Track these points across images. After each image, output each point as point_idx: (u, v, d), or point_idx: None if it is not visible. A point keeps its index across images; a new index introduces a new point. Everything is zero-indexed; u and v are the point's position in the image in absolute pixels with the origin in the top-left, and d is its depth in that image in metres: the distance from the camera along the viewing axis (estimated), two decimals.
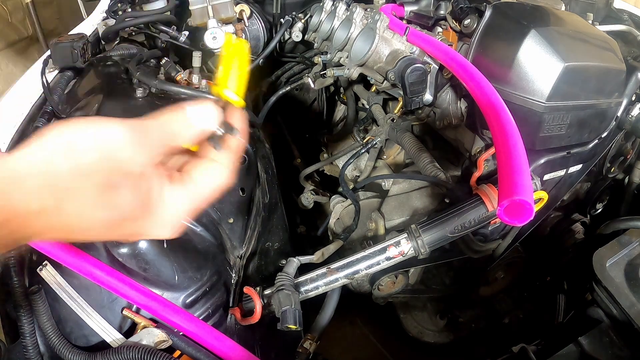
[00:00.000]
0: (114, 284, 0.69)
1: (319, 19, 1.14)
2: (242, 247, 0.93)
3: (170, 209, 0.47)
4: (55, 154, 0.41)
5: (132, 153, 0.43)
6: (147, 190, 0.45)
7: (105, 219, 0.43)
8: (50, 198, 0.40)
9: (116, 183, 0.42)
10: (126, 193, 0.43)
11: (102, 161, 0.42)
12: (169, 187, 0.47)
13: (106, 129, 0.43)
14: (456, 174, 1.10)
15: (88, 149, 0.41)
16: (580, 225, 1.27)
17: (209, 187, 0.49)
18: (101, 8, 1.34)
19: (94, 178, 0.41)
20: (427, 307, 1.42)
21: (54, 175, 0.41)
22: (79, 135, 0.42)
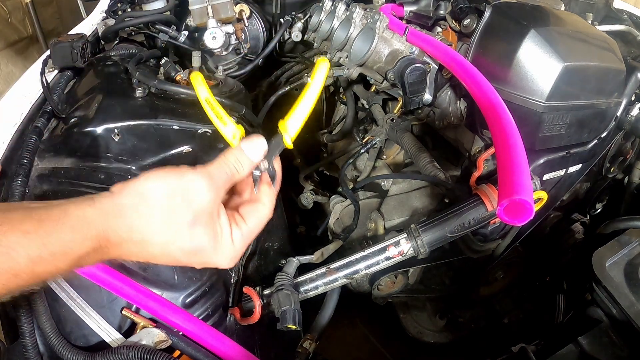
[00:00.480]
0: (114, 283, 0.69)
1: (318, 19, 1.14)
2: None
3: (235, 245, 0.59)
4: (148, 198, 0.53)
5: (207, 197, 0.55)
6: (217, 227, 0.57)
7: (184, 248, 0.55)
8: (145, 232, 0.53)
9: (195, 222, 0.54)
10: (201, 230, 0.55)
11: (184, 203, 0.54)
12: (235, 229, 0.59)
13: (188, 178, 0.55)
14: (456, 174, 1.10)
15: (175, 196, 0.54)
16: (579, 225, 1.28)
17: (259, 226, 0.62)
18: (101, 8, 1.34)
19: (180, 219, 0.54)
20: (426, 307, 1.42)
21: (150, 218, 0.53)
22: (167, 184, 0.54)
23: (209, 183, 0.55)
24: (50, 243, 0.48)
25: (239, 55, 1.32)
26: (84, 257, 0.50)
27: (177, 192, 0.54)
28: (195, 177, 0.55)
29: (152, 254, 0.55)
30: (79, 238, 0.50)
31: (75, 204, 0.52)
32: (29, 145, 0.82)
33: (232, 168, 0.59)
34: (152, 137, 0.89)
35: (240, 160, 0.60)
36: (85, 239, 0.50)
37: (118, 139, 0.87)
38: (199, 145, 0.92)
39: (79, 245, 0.50)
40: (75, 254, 0.50)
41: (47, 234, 0.48)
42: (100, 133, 0.86)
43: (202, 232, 0.55)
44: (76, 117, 0.88)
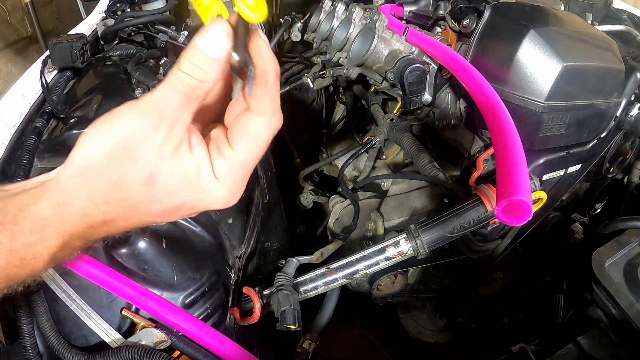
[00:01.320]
0: (113, 284, 0.69)
1: (318, 19, 1.14)
2: (242, 247, 0.93)
3: (223, 181, 0.44)
4: (91, 172, 0.42)
5: (158, 138, 0.41)
6: (190, 167, 0.43)
7: (154, 211, 0.44)
8: (101, 212, 0.43)
9: (152, 179, 0.42)
10: (165, 184, 0.42)
11: (133, 163, 0.41)
12: (220, 164, 0.44)
13: (127, 125, 0.42)
14: (455, 174, 1.10)
15: (118, 154, 0.41)
16: (579, 225, 1.27)
17: (255, 149, 0.45)
18: (100, 8, 1.33)
19: (132, 181, 0.42)
20: (426, 307, 1.42)
21: (98, 191, 0.43)
22: (108, 142, 0.42)
23: (154, 118, 0.41)
24: (16, 249, 0.44)
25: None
26: (56, 254, 0.46)
27: (118, 148, 0.41)
28: (134, 117, 0.41)
29: (124, 227, 0.46)
30: (39, 239, 0.44)
31: (31, 197, 0.44)
32: (29, 146, 0.82)
33: (186, 80, 0.41)
34: None
35: (197, 62, 0.42)
36: (48, 239, 0.44)
37: None
38: None
39: (44, 246, 0.44)
40: (45, 255, 0.45)
41: (9, 240, 0.43)
42: None
43: (168, 187, 0.43)
44: (76, 117, 0.88)
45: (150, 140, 0.41)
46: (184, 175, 0.43)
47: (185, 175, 0.43)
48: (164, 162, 0.42)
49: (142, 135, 0.41)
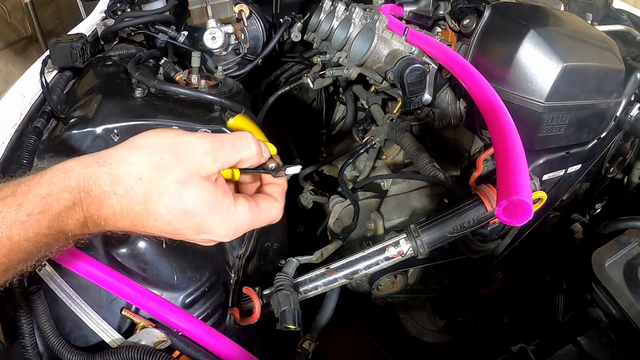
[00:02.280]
0: (113, 284, 0.69)
1: (318, 19, 1.14)
2: (241, 247, 0.93)
3: (239, 214, 0.54)
4: (140, 150, 0.49)
5: (203, 161, 0.50)
6: (217, 192, 0.51)
7: (172, 206, 0.49)
8: (129, 184, 0.48)
9: (186, 180, 0.49)
10: (194, 190, 0.49)
11: (177, 162, 0.49)
12: (243, 202, 0.55)
13: (186, 138, 0.51)
14: (455, 174, 1.10)
15: (167, 150, 0.49)
16: (579, 225, 1.27)
17: (268, 214, 0.59)
18: (100, 8, 1.34)
19: (169, 173, 0.48)
20: (426, 307, 1.42)
21: (137, 166, 0.48)
22: (160, 139, 0.50)
23: (207, 148, 0.51)
24: (27, 202, 0.45)
25: (238, 55, 1.32)
26: (63, 214, 0.46)
27: (170, 146, 0.50)
28: (194, 139, 0.51)
29: (137, 214, 0.49)
30: (56, 190, 0.46)
31: (61, 162, 0.48)
32: (29, 146, 0.82)
33: (239, 143, 0.53)
34: None
35: (246, 141, 0.55)
36: (64, 191, 0.46)
37: (117, 139, 0.87)
38: None
39: (57, 199, 0.46)
40: (54, 210, 0.45)
41: (23, 194, 0.45)
42: (100, 133, 0.85)
43: (195, 193, 0.50)
44: (75, 117, 0.88)
45: (196, 155, 0.50)
46: (211, 193, 0.51)
47: (212, 194, 0.51)
48: (198, 175, 0.50)
49: (194, 149, 0.50)
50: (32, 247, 0.46)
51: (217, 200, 0.51)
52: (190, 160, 0.50)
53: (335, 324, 1.00)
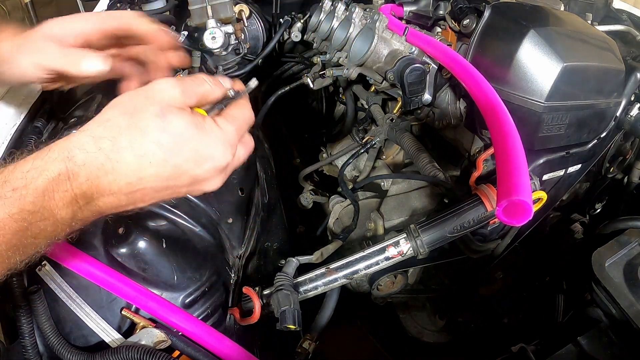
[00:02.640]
0: (113, 284, 0.69)
1: (318, 19, 1.14)
2: (241, 247, 0.93)
3: (225, 129, 0.53)
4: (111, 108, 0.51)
5: (174, 92, 0.51)
6: (194, 115, 0.51)
7: (161, 141, 0.49)
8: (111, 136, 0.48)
9: (164, 112, 0.49)
10: (174, 118, 0.49)
11: (149, 101, 0.50)
12: (218, 117, 0.55)
13: (152, 84, 0.52)
14: (455, 174, 1.10)
15: (136, 98, 0.51)
16: (579, 225, 1.27)
17: (246, 118, 0.58)
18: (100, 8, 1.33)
19: (145, 114, 0.49)
20: (426, 307, 1.42)
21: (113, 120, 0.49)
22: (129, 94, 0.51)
23: (173, 82, 0.52)
24: (12, 177, 0.45)
25: (238, 55, 1.32)
26: (49, 188, 0.46)
27: (138, 95, 0.51)
28: (157, 81, 0.52)
29: (129, 163, 0.48)
30: (39, 163, 0.46)
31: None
32: (29, 146, 0.82)
33: (202, 78, 0.55)
34: None
35: (200, 76, 0.56)
36: (46, 162, 0.46)
37: None
38: None
39: (40, 171, 0.45)
40: (38, 183, 0.45)
41: (9, 171, 0.46)
42: None
43: (177, 121, 0.49)
44: (76, 117, 0.88)
45: (168, 90, 0.51)
46: (190, 116, 0.51)
47: (190, 117, 0.51)
48: (173, 106, 0.50)
49: (162, 87, 0.51)
50: (17, 226, 0.45)
51: (200, 122, 0.51)
52: (161, 96, 0.50)
53: (335, 324, 1.00)
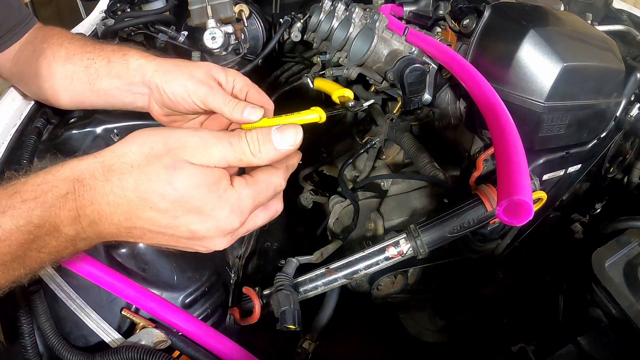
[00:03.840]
0: (113, 284, 0.69)
1: (318, 19, 1.14)
2: (241, 247, 0.93)
3: (239, 194, 0.51)
4: (131, 143, 0.50)
5: (194, 151, 0.49)
6: (210, 175, 0.49)
7: (165, 193, 0.48)
8: (120, 172, 0.48)
9: (175, 166, 0.48)
10: (184, 174, 0.48)
11: (166, 150, 0.48)
12: (238, 178, 0.52)
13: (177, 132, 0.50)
14: (455, 174, 1.10)
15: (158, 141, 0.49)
16: (579, 225, 1.27)
17: (270, 186, 0.53)
18: (100, 8, 1.34)
19: (158, 161, 0.48)
20: (426, 307, 1.42)
21: (127, 156, 0.49)
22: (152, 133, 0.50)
23: (199, 142, 0.49)
24: (23, 190, 0.47)
25: (238, 55, 1.32)
26: (56, 205, 0.47)
27: (160, 137, 0.49)
28: (185, 132, 0.50)
29: (130, 201, 0.48)
30: (50, 179, 0.47)
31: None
32: (29, 146, 0.82)
33: (242, 146, 0.50)
34: None
35: (260, 140, 0.51)
36: (57, 179, 0.47)
37: (117, 139, 0.87)
38: None
39: (50, 186, 0.47)
40: (47, 198, 0.47)
41: (21, 183, 0.48)
42: (100, 133, 0.86)
43: (185, 176, 0.48)
44: (75, 117, 0.88)
45: (187, 146, 0.49)
46: (205, 176, 0.49)
47: (206, 176, 0.49)
48: (187, 162, 0.48)
49: (184, 141, 0.49)
50: (23, 238, 0.46)
51: (213, 182, 0.49)
52: (180, 149, 0.48)
53: (335, 324, 1.00)
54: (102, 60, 0.76)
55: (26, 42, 0.83)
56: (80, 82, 0.77)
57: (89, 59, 0.77)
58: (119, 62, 0.75)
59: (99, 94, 0.77)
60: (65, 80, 0.78)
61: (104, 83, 0.76)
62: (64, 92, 0.79)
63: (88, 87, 0.77)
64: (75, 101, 0.80)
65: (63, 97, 0.80)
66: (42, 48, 0.79)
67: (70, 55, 0.78)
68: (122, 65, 0.75)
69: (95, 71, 0.76)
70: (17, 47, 0.83)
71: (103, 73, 0.76)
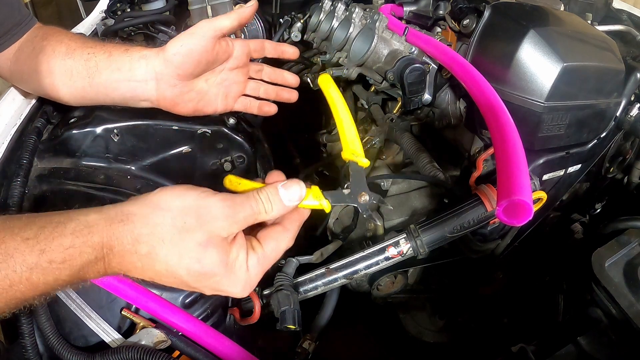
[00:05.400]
0: (113, 284, 0.69)
1: (317, 19, 1.14)
2: None
3: (250, 273, 0.56)
4: (163, 212, 0.51)
5: (224, 224, 0.53)
6: (232, 253, 0.54)
7: (191, 269, 0.52)
8: (151, 245, 0.50)
9: (207, 243, 0.51)
10: (213, 252, 0.52)
11: (199, 225, 0.51)
12: (252, 256, 0.56)
13: (207, 201, 0.53)
14: (455, 174, 1.10)
15: (190, 214, 0.52)
16: (579, 225, 1.27)
17: (277, 251, 0.59)
18: (100, 8, 1.34)
19: (191, 237, 0.51)
20: (426, 307, 1.42)
21: (160, 228, 0.50)
22: (184, 201, 0.53)
23: (228, 212, 0.53)
24: (50, 249, 0.46)
25: None
26: (85, 267, 0.48)
27: (192, 209, 0.52)
28: (215, 202, 0.53)
29: (157, 272, 0.52)
30: (79, 244, 0.47)
31: (81, 210, 0.50)
32: (29, 146, 0.82)
33: (259, 207, 0.56)
34: (151, 138, 0.89)
35: (272, 200, 0.57)
36: (86, 246, 0.47)
37: (117, 139, 0.87)
38: (198, 145, 0.92)
39: (79, 252, 0.47)
40: (76, 262, 0.47)
41: (47, 239, 0.46)
42: (100, 133, 0.86)
43: (214, 256, 0.52)
44: (75, 117, 0.88)
45: (218, 219, 0.52)
46: (227, 255, 0.53)
47: (227, 256, 0.53)
48: (219, 237, 0.52)
49: (215, 213, 0.52)
50: (50, 289, 0.48)
51: (233, 259, 0.54)
52: (212, 224, 0.52)
53: (335, 324, 1.00)
54: (103, 54, 0.76)
55: (26, 40, 0.83)
56: (79, 76, 0.77)
57: (89, 54, 0.77)
58: (121, 56, 0.76)
59: (98, 88, 0.77)
60: (65, 77, 0.78)
61: (103, 76, 0.76)
62: (63, 88, 0.79)
63: (87, 82, 0.77)
64: (75, 96, 0.80)
65: (63, 92, 0.80)
66: (42, 45, 0.79)
67: (71, 51, 0.78)
68: (123, 58, 0.76)
69: (95, 64, 0.76)
70: (17, 47, 0.83)
71: (103, 66, 0.76)
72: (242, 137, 0.97)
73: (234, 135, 0.95)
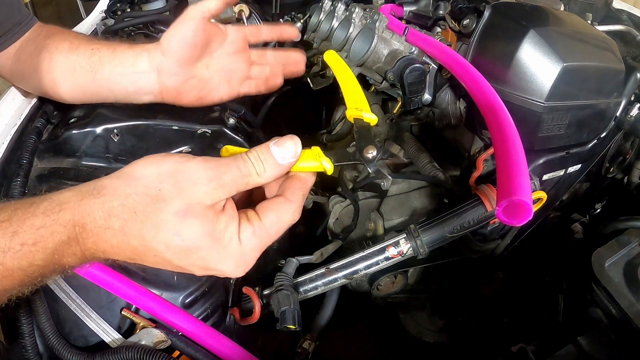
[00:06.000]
0: (113, 284, 0.69)
1: (317, 19, 1.14)
2: None
3: (244, 246, 0.48)
4: (136, 181, 0.46)
5: (206, 188, 0.46)
6: (219, 222, 0.47)
7: (171, 243, 0.45)
8: (123, 218, 0.45)
9: (186, 212, 0.45)
10: (195, 223, 0.45)
11: (177, 192, 0.45)
12: (246, 226, 0.49)
13: (187, 165, 0.46)
14: (455, 174, 1.10)
15: (166, 180, 0.45)
16: (579, 225, 1.27)
17: (279, 225, 0.50)
18: (100, 8, 1.34)
19: (167, 206, 0.45)
20: (426, 307, 1.42)
21: (132, 198, 0.45)
22: (159, 167, 0.46)
23: (211, 174, 0.46)
24: (22, 230, 0.43)
25: None
26: (59, 249, 0.45)
27: (169, 175, 0.46)
28: (195, 164, 0.46)
29: (134, 249, 0.46)
30: (50, 223, 0.44)
31: (57, 191, 0.47)
32: (29, 146, 0.82)
33: (249, 168, 0.48)
34: (151, 138, 0.89)
35: (262, 159, 0.49)
36: (57, 224, 0.44)
37: (117, 139, 0.87)
38: (199, 145, 0.92)
39: (50, 232, 0.44)
40: (48, 243, 0.44)
41: (19, 220, 0.44)
42: (100, 133, 0.86)
43: (195, 227, 0.45)
44: (75, 117, 0.88)
45: (199, 183, 0.45)
46: (212, 225, 0.46)
47: (213, 225, 0.46)
48: (201, 205, 0.45)
49: (195, 177, 0.45)
50: (26, 277, 0.45)
51: (220, 230, 0.47)
52: (191, 190, 0.45)
53: (335, 324, 1.00)
54: (107, 49, 0.77)
55: (28, 39, 0.83)
56: (82, 71, 0.77)
57: (93, 49, 0.77)
58: (125, 51, 0.77)
59: (100, 83, 0.78)
60: (67, 72, 0.78)
61: (106, 70, 0.77)
62: (64, 84, 0.79)
63: (90, 76, 0.77)
64: (76, 93, 0.80)
65: (64, 89, 0.80)
66: (45, 43, 0.79)
67: (75, 47, 0.78)
68: (127, 53, 0.76)
69: (99, 59, 0.76)
70: (18, 46, 0.83)
71: (107, 61, 0.76)
72: (242, 137, 0.97)
73: (234, 135, 0.95)
